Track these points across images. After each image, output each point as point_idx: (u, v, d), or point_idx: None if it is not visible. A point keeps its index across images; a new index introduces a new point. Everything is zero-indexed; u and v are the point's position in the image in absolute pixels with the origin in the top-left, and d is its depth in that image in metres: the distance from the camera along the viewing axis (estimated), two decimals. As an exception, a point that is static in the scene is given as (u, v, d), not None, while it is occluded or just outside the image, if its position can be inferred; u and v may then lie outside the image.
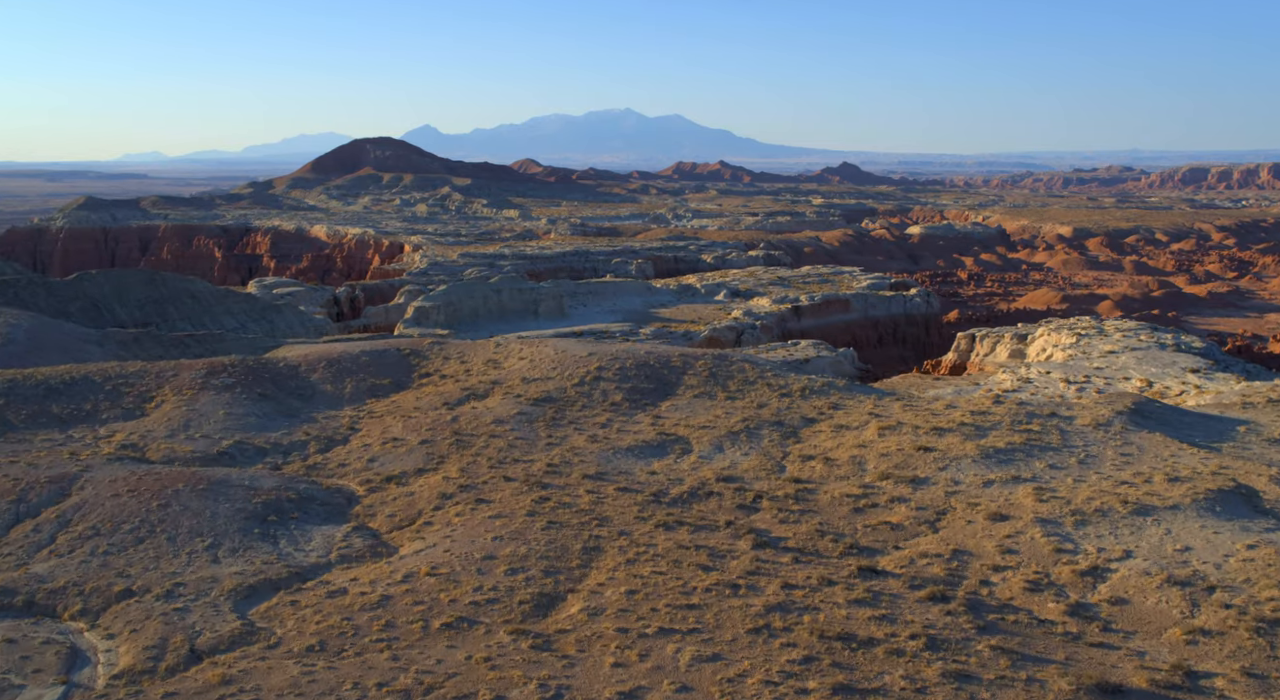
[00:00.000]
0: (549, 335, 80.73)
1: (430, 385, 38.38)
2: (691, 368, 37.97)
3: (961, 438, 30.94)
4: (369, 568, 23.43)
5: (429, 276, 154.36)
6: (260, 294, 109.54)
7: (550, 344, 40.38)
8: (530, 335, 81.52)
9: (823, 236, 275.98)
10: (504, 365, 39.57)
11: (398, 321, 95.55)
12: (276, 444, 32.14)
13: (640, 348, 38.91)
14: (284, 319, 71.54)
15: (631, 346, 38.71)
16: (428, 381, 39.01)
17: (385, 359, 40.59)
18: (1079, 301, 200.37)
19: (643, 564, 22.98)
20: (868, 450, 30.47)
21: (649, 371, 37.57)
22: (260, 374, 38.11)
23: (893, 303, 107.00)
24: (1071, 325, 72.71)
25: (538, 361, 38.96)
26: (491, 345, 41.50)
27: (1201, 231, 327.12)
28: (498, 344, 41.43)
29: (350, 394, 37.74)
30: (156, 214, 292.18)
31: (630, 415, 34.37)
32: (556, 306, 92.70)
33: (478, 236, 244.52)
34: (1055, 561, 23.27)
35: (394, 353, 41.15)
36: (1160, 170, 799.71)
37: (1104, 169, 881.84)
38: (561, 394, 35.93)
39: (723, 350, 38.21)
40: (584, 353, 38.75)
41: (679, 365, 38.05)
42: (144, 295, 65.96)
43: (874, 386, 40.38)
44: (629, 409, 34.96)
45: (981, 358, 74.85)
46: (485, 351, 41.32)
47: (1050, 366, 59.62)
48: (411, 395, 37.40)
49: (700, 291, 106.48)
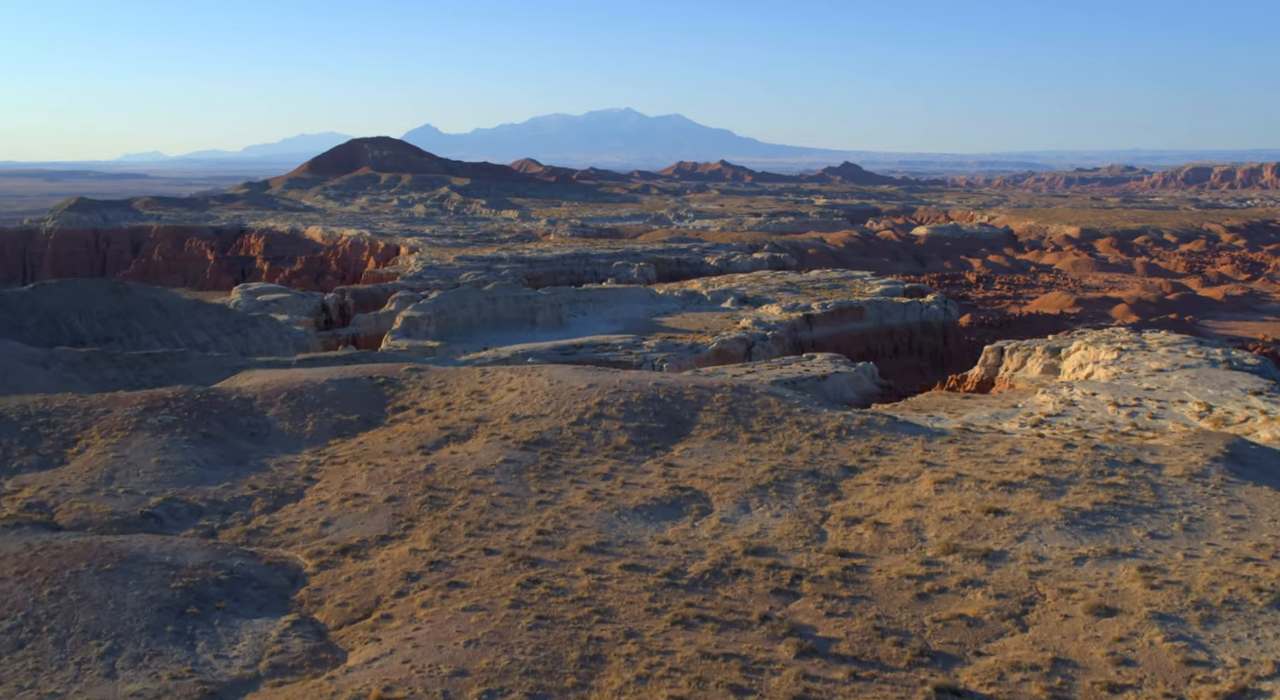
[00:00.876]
0: (546, 348, 75.58)
1: (405, 422, 33.14)
2: (708, 402, 32.71)
3: (1037, 496, 25.72)
4: (305, 686, 18.20)
5: (423, 280, 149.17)
6: (244, 301, 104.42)
7: (545, 372, 35.14)
8: (527, 348, 76.39)
9: (827, 237, 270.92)
10: (490, 398, 34.32)
11: (388, 330, 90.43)
12: (215, 501, 26.89)
13: (648, 378, 33.66)
14: (260, 332, 66.33)
15: (638, 377, 33.45)
16: (402, 417, 33.76)
17: (355, 390, 35.36)
18: (1092, 305, 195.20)
19: (657, 684, 17.76)
20: (925, 511, 25.23)
21: (658, 407, 32.33)
22: (208, 410, 32.87)
23: (909, 310, 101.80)
24: (1109, 338, 67.49)
25: (529, 394, 33.70)
26: (477, 374, 36.25)
27: (1210, 232, 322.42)
28: (484, 372, 36.17)
29: (312, 433, 32.50)
30: (149, 215, 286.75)
31: (637, 462, 29.14)
32: (554, 315, 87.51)
33: (476, 238, 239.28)
34: (1187, 678, 18.06)
35: (365, 382, 35.91)
36: (1162, 170, 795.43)
37: (1106, 169, 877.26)
38: (557, 435, 30.68)
39: (743, 380, 32.92)
40: (583, 384, 33.51)
41: (693, 400, 32.80)
42: (106, 307, 60.73)
43: (915, 421, 35.25)
44: (636, 454, 29.72)
45: (1011, 373, 69.62)
46: (470, 381, 36.07)
47: (1094, 387, 54.38)
48: (382, 435, 32.16)
49: (706, 298, 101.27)
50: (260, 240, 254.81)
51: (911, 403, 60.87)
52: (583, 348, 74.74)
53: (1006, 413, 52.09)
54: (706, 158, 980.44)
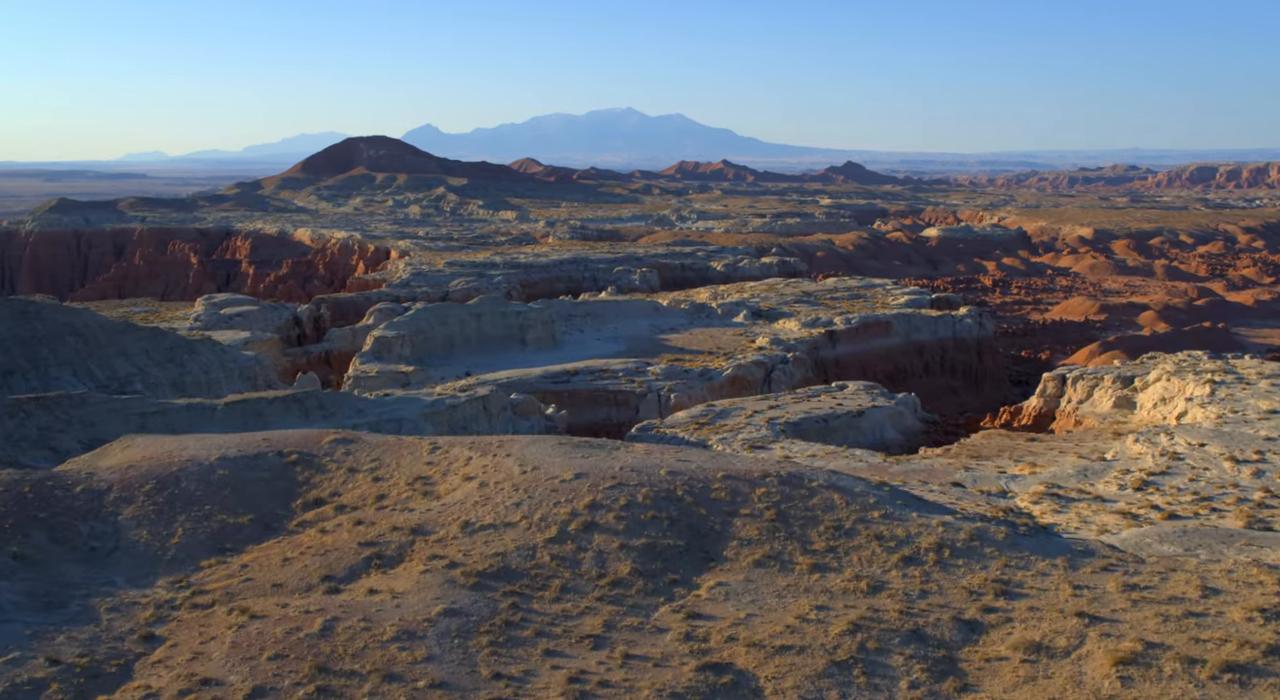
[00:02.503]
0: (536, 375, 65.76)
1: (315, 529, 23.35)
2: (746, 502, 22.92)
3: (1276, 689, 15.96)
4: None
5: (411, 287, 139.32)
6: (206, 314, 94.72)
7: (516, 451, 25.34)
8: (514, 375, 66.56)
9: (836, 239, 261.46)
10: (439, 489, 24.53)
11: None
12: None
13: (658, 462, 23.90)
14: (199, 361, 56.52)
15: (644, 461, 23.71)
16: (314, 518, 24.00)
17: (256, 472, 25.61)
18: (1118, 312, 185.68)
19: None
20: (1118, 728, 15.45)
21: (675, 511, 22.55)
22: (32, 512, 23.12)
23: (939, 324, 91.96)
24: (1193, 365, 57.65)
25: (492, 487, 23.89)
26: (425, 449, 26.45)
27: (1227, 233, 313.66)
28: (434, 447, 26.37)
29: (178, 548, 22.75)
30: (134, 216, 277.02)
31: (646, 611, 19.36)
32: (547, 333, 77.70)
33: (470, 240, 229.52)
34: None
35: (272, 461, 26.14)
36: (1167, 169, 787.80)
37: (1109, 168, 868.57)
38: (527, 561, 20.89)
39: (793, 466, 22.93)
40: (567, 472, 23.70)
41: (724, 498, 23.00)
42: (9, 333, 50.93)
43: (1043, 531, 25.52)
44: (644, 594, 19.94)
45: (1075, 405, 59.82)
46: (414, 460, 26.27)
47: (1198, 434, 44.57)
48: (279, 552, 22.38)
49: (716, 312, 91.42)
50: (247, 243, 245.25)
51: (968, 446, 51.15)
52: (578, 374, 64.95)
53: (1095, 468, 42.37)
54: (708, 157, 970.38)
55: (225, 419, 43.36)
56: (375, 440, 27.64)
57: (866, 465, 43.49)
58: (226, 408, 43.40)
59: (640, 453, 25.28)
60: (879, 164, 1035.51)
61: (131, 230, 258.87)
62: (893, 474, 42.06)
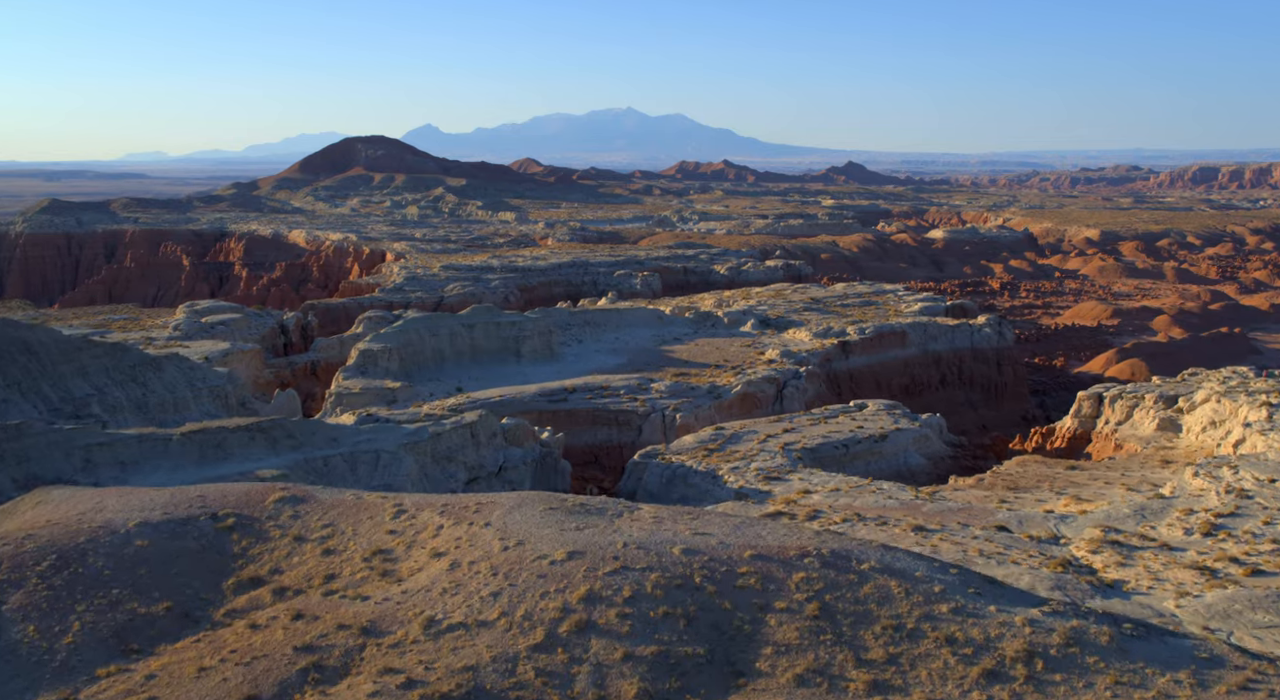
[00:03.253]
0: (531, 393, 61.18)
1: (245, 623, 18.80)
2: (781, 593, 18.37)
3: None
4: None
5: (404, 293, 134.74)
6: (186, 323, 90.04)
7: (496, 520, 20.81)
8: (508, 393, 61.97)
9: (840, 241, 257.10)
10: (400, 568, 19.98)
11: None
12: None
13: (672, 537, 19.39)
14: (164, 379, 51.90)
15: (652, 538, 19.20)
16: (246, 605, 19.47)
17: (182, 541, 21.08)
18: (1131, 316, 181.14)
19: None
20: None
21: (693, 605, 18.00)
22: (-108, 603, 18.55)
23: (957, 334, 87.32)
24: (1244, 384, 53.07)
25: (467, 568, 19.33)
26: (388, 511, 21.90)
27: (1235, 234, 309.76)
28: (399, 510, 21.83)
29: (71, 650, 18.20)
30: (126, 217, 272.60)
31: (659, 755, 14.80)
32: (544, 345, 73.10)
33: (468, 243, 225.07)
34: None
35: (203, 525, 21.61)
36: (1169, 169, 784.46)
37: (1111, 168, 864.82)
38: (505, 680, 16.33)
39: (836, 538, 18.25)
40: (559, 552, 19.16)
41: (754, 588, 18.46)
42: (-48, 352, 46.37)
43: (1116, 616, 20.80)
44: (655, 728, 15.38)
45: (1113, 427, 55.24)
46: (375, 525, 21.73)
47: (1264, 467, 40.03)
48: (195, 657, 17.83)
49: (723, 321, 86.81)
50: (240, 245, 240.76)
51: (1003, 476, 46.60)
52: (576, 392, 60.35)
53: (1153, 506, 37.80)
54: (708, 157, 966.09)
55: (181, 451, 38.83)
56: (330, 499, 23.07)
57: (898, 503, 38.96)
58: (183, 438, 38.86)
59: (648, 521, 20.71)
60: (879, 164, 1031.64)
61: (123, 232, 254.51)
62: (927, 514, 37.55)
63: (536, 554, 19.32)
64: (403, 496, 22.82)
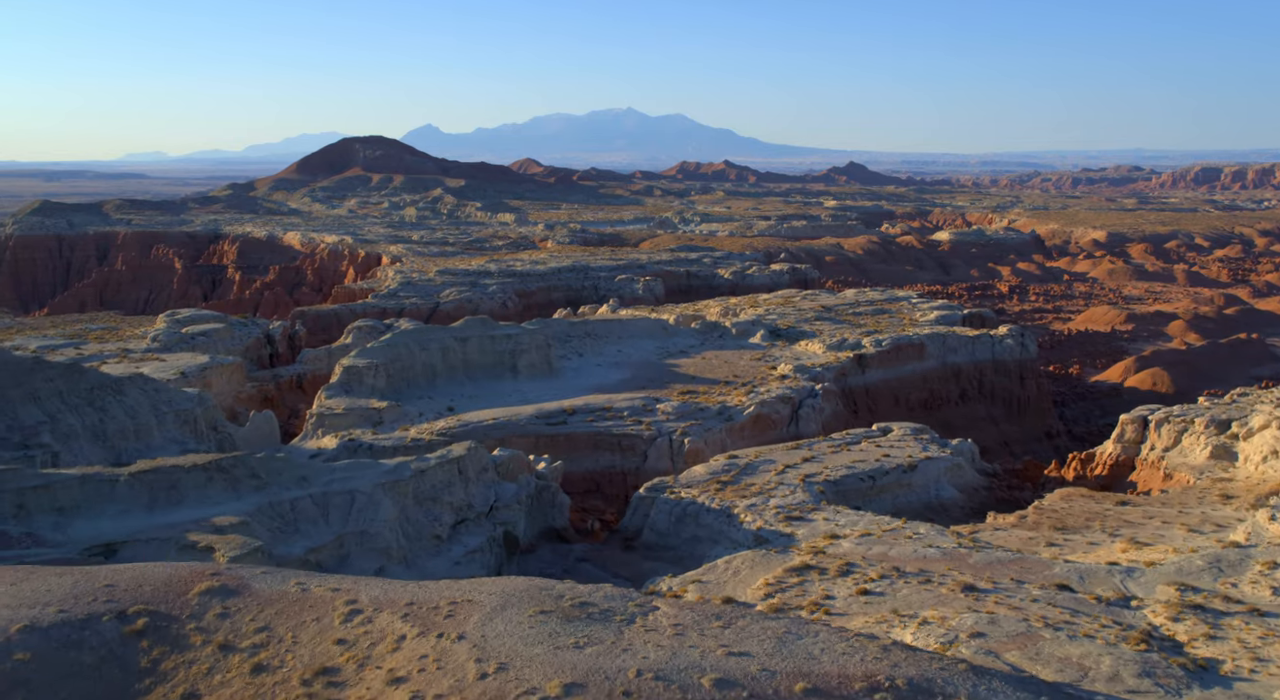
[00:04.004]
0: (527, 414, 56.59)
1: (138, 782, 14.26)
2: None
3: None
4: None
5: (399, 299, 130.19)
6: (165, 334, 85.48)
7: (474, 625, 16.34)
8: (502, 414, 57.42)
9: (845, 243, 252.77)
10: (348, 695, 15.49)
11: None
12: None
13: (700, 662, 14.89)
14: (125, 404, 47.31)
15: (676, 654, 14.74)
16: (147, 751, 14.91)
17: (76, 652, 16.57)
18: (1145, 321, 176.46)
19: None
20: None
21: (732, 769, 13.46)
22: None
23: (977, 345, 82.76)
24: (1305, 410, 48.50)
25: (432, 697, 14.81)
26: (339, 614, 17.39)
27: (1243, 236, 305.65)
28: (352, 609, 17.35)
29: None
30: (119, 219, 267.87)
31: None
32: (542, 359, 68.55)
33: (466, 245, 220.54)
34: None
35: (105, 629, 17.11)
36: (1171, 170, 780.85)
37: (1113, 169, 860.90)
38: None
39: (912, 658, 13.44)
40: (552, 682, 14.60)
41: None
42: (-115, 377, 41.85)
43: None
44: None
45: (1159, 454, 50.70)
46: (321, 631, 17.19)
47: (1350, 509, 35.50)
48: None
49: (730, 332, 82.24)
50: (234, 247, 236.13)
51: (1047, 513, 42.11)
52: (576, 414, 55.77)
53: (1229, 558, 33.33)
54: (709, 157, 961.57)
55: (129, 494, 34.32)
56: (268, 591, 18.54)
57: (939, 552, 34.44)
58: (131, 480, 34.33)
59: (667, 633, 16.18)
60: (880, 164, 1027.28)
61: (116, 234, 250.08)
62: (975, 566, 33.05)
63: (522, 686, 14.78)
64: (358, 590, 18.28)
